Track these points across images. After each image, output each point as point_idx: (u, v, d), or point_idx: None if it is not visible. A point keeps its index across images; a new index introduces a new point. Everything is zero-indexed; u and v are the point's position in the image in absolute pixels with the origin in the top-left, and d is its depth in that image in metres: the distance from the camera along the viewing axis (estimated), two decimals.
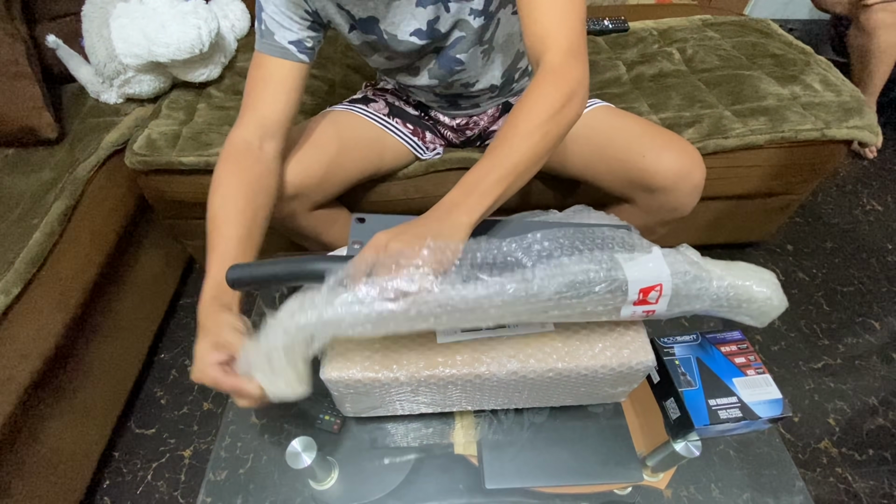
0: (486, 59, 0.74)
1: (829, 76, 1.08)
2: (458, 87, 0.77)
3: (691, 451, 0.53)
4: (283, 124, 0.66)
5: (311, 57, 0.66)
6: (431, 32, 0.67)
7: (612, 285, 0.43)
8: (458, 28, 0.67)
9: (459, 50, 0.70)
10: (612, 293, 0.44)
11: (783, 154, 1.01)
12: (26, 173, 0.94)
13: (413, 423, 0.62)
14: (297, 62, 0.65)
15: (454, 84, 0.76)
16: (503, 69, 0.77)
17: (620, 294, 0.44)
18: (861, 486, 0.95)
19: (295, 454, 0.50)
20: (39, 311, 0.77)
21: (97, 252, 0.91)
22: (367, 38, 0.69)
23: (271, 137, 0.65)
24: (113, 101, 1.08)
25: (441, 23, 0.66)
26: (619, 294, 0.44)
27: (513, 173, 0.47)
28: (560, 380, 0.52)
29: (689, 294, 0.46)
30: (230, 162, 0.62)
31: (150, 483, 0.96)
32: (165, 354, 1.16)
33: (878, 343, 1.18)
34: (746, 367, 0.59)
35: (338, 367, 0.50)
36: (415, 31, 0.66)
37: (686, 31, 1.28)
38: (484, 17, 0.66)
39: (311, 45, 0.66)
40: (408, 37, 0.67)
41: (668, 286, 0.45)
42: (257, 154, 0.64)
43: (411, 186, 0.96)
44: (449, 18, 0.65)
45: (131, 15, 0.96)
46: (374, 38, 0.68)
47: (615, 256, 0.45)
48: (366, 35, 0.68)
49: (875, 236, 1.44)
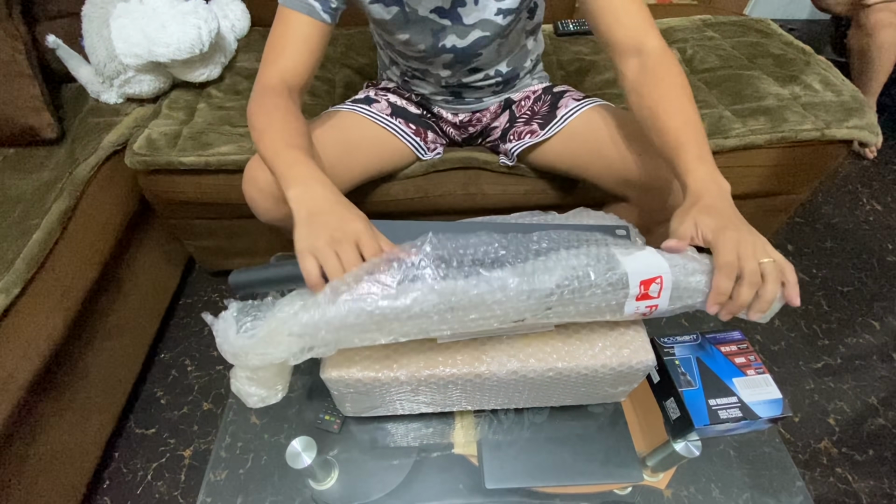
0: (502, 49, 0.75)
1: (829, 76, 1.08)
2: (466, 73, 0.78)
3: (691, 451, 0.53)
4: (304, 79, 0.66)
5: (333, 19, 0.65)
6: (453, 9, 0.67)
7: (613, 276, 0.44)
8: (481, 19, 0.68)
9: (479, 44, 0.71)
10: (612, 286, 0.44)
11: (783, 154, 1.01)
12: (26, 173, 0.94)
13: (413, 423, 0.62)
14: (320, 21, 0.64)
15: (465, 71, 0.78)
16: (509, 60, 0.79)
17: (621, 287, 0.44)
18: (861, 486, 0.95)
19: (295, 454, 0.50)
20: (39, 311, 0.77)
21: (97, 252, 0.91)
22: (387, 11, 0.68)
23: (293, 90, 0.64)
24: (113, 101, 1.08)
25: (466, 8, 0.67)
26: (620, 287, 0.44)
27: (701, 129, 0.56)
28: (560, 379, 0.52)
29: (688, 287, 0.46)
30: (265, 96, 0.62)
31: (150, 483, 0.96)
32: (165, 354, 1.16)
33: (878, 343, 1.18)
34: (746, 367, 0.59)
35: (338, 367, 0.50)
36: (435, 8, 0.66)
37: (686, 31, 1.28)
38: (510, 14, 0.68)
39: (335, 6, 0.64)
40: (428, 13, 0.67)
41: (668, 279, 0.45)
42: (286, 95, 0.63)
43: (411, 186, 0.96)
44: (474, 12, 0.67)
45: (131, 15, 0.96)
46: (395, 9, 0.67)
47: (612, 251, 0.45)
48: (387, 7, 0.67)
49: (875, 236, 1.44)
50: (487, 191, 0.97)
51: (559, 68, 1.19)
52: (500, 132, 0.90)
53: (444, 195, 0.98)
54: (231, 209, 1.01)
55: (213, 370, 1.13)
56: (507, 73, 0.81)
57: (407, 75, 0.84)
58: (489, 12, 0.68)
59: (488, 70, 0.79)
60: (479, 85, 0.82)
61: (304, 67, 0.65)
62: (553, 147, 0.81)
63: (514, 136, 0.86)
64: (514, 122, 0.87)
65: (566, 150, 0.80)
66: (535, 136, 0.81)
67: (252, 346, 0.43)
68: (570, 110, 0.79)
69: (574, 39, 1.30)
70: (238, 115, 1.02)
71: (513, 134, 0.86)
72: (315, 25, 0.64)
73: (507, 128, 0.88)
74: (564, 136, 0.79)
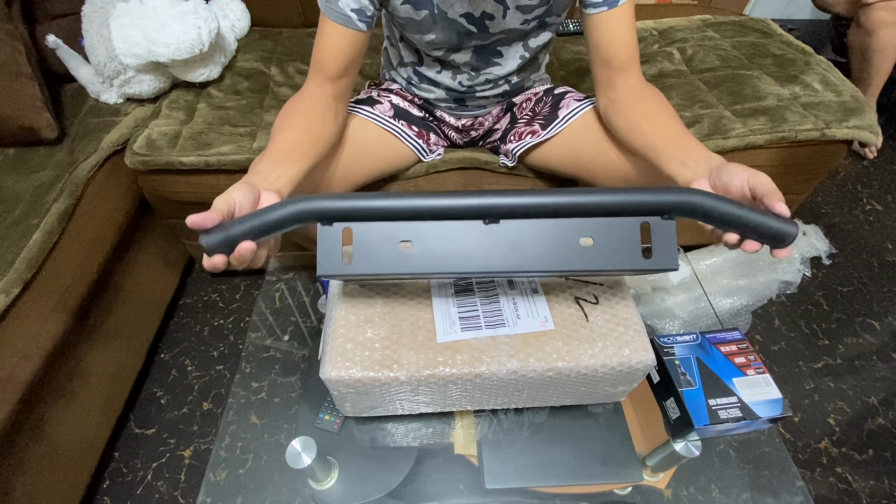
0: (522, 60, 0.77)
1: (829, 76, 1.08)
2: (481, 82, 0.80)
3: (691, 451, 0.53)
4: (345, 83, 0.71)
5: (369, 26, 0.68)
6: (481, 20, 0.69)
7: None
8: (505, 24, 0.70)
9: (503, 43, 0.73)
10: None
11: (783, 154, 1.01)
12: (26, 173, 0.94)
13: (413, 423, 0.62)
14: (356, 31, 0.67)
15: (479, 79, 0.79)
16: (522, 72, 0.81)
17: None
18: (861, 486, 0.95)
19: (295, 454, 0.50)
20: (39, 311, 0.77)
21: (97, 252, 0.91)
22: (417, 14, 0.69)
23: (338, 97, 0.70)
24: (113, 101, 1.08)
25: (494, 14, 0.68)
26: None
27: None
28: (560, 379, 0.52)
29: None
30: (299, 101, 0.68)
31: (150, 483, 0.96)
32: (165, 354, 1.16)
33: (878, 343, 1.18)
34: (746, 367, 0.59)
35: (338, 367, 0.50)
36: (465, 13, 0.68)
37: (686, 31, 1.28)
38: (535, 21, 0.70)
39: (371, 15, 0.67)
40: (458, 17, 0.68)
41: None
42: (323, 101, 0.69)
43: (412, 186, 0.96)
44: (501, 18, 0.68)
45: (131, 15, 0.96)
46: (425, 12, 0.69)
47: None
48: (417, 11, 0.69)
49: (875, 236, 1.44)
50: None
51: (559, 68, 1.19)
52: (500, 133, 0.90)
53: None
54: None
55: (213, 370, 1.13)
56: (516, 83, 0.83)
57: (412, 81, 0.84)
58: (515, 23, 0.70)
59: (499, 80, 0.81)
60: (487, 94, 0.83)
61: (344, 72, 0.69)
62: (554, 147, 0.82)
63: (515, 137, 0.86)
64: (515, 123, 0.87)
65: (567, 151, 0.80)
66: (537, 136, 0.81)
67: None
68: (571, 111, 0.79)
69: (574, 39, 1.30)
70: (238, 115, 1.02)
71: (514, 134, 0.86)
72: (352, 35, 0.67)
73: (508, 128, 0.88)
74: (565, 136, 0.79)
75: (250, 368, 0.69)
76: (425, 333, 0.53)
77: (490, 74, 0.78)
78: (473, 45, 0.74)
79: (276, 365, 0.70)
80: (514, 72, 0.79)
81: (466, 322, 0.53)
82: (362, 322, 0.53)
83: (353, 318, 0.54)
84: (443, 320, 0.54)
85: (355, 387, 0.51)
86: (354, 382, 0.50)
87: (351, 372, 0.50)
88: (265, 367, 0.69)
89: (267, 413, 0.64)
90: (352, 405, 0.56)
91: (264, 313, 0.76)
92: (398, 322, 0.54)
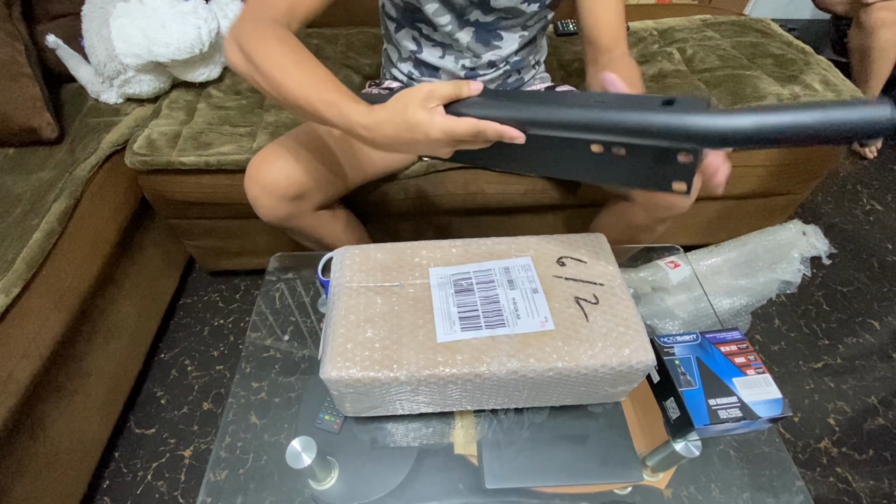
0: (521, 39, 0.78)
1: (829, 76, 1.08)
2: (483, 65, 0.80)
3: (691, 451, 0.53)
4: (311, 8, 0.62)
5: None
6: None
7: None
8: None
9: (503, 27, 0.74)
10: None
11: (783, 154, 1.01)
12: (26, 173, 0.94)
13: (413, 423, 0.62)
14: None
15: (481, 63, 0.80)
16: (521, 49, 0.82)
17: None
18: (861, 486, 0.95)
19: (295, 454, 0.50)
20: (39, 311, 0.77)
21: (97, 252, 0.91)
22: None
23: (292, 23, 0.61)
24: (113, 101, 1.08)
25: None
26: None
27: None
28: (560, 379, 0.52)
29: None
30: (262, 27, 0.58)
31: (150, 483, 0.96)
32: (165, 354, 1.16)
33: (878, 343, 1.18)
34: (746, 367, 0.59)
35: (338, 367, 0.50)
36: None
37: (686, 31, 1.28)
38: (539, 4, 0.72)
39: None
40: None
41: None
42: (275, 18, 0.59)
43: (412, 186, 0.96)
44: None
45: (131, 15, 0.96)
46: None
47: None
48: None
49: (875, 236, 1.44)
50: (487, 190, 0.97)
51: (560, 68, 1.19)
52: None
53: (444, 195, 0.98)
54: (231, 209, 1.01)
55: (213, 370, 1.13)
56: (515, 62, 0.83)
57: (413, 76, 0.84)
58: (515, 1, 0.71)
59: (500, 62, 0.81)
60: (488, 77, 0.83)
61: (288, 11, 0.60)
62: None
63: None
64: None
65: None
66: None
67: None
68: None
69: (574, 39, 1.30)
70: (238, 115, 1.02)
71: None
72: None
73: None
74: None
75: (250, 368, 0.69)
76: (425, 333, 0.53)
77: (492, 56, 0.79)
78: (475, 18, 0.74)
79: (276, 365, 0.70)
80: (514, 52, 0.80)
81: (466, 322, 0.53)
82: (362, 322, 0.53)
83: (353, 318, 0.54)
84: (443, 320, 0.54)
85: (355, 387, 0.51)
86: (354, 382, 0.50)
87: (351, 372, 0.50)
88: (265, 367, 0.69)
89: (267, 413, 0.64)
90: (352, 405, 0.56)
91: (264, 313, 0.76)
92: (398, 322, 0.54)
